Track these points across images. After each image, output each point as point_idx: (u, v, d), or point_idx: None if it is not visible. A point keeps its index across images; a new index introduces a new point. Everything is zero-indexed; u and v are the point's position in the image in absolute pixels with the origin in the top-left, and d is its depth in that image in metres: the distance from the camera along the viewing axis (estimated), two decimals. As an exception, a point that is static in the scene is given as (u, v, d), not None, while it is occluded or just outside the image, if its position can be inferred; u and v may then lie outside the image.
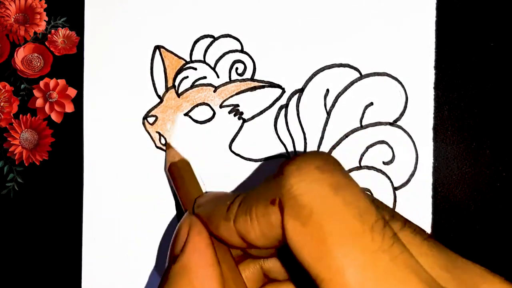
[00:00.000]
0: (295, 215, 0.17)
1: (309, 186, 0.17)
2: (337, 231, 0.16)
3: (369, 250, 0.16)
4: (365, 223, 0.17)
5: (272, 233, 0.19)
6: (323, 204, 0.17)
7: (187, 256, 0.21)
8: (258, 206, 0.19)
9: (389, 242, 0.17)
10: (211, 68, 0.31)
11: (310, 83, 0.31)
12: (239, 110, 0.31)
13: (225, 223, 0.20)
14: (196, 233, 0.22)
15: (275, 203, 0.18)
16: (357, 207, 0.17)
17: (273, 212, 0.18)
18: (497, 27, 0.31)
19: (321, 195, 0.17)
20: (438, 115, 0.31)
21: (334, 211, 0.17)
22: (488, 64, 0.31)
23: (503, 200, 0.31)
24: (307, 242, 0.17)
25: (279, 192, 0.18)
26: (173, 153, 0.30)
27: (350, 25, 0.31)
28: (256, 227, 0.19)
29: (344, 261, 0.16)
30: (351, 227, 0.17)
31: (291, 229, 0.17)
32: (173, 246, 0.22)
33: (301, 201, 0.17)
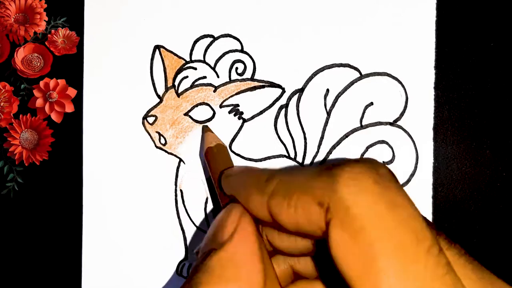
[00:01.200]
0: (345, 226, 0.17)
1: (364, 199, 0.17)
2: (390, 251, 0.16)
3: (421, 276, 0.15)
4: (420, 246, 0.16)
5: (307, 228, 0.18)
6: (377, 221, 0.16)
7: (236, 245, 0.20)
8: (301, 197, 0.18)
9: (443, 270, 0.16)
10: (211, 68, 0.31)
11: (310, 83, 0.31)
12: (239, 110, 0.31)
13: (257, 196, 0.20)
14: (247, 224, 0.21)
15: (323, 206, 0.17)
16: (413, 229, 0.16)
17: (317, 213, 0.17)
18: (497, 27, 0.31)
19: (376, 211, 0.16)
20: (438, 115, 0.31)
21: (388, 229, 0.16)
22: (488, 64, 0.31)
23: (503, 200, 0.31)
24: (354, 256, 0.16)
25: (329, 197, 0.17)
26: (210, 137, 0.30)
27: (350, 25, 0.31)
28: (292, 213, 0.18)
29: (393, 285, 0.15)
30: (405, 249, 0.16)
31: (338, 239, 0.17)
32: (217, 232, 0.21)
33: (354, 213, 0.16)
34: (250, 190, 0.20)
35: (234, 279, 0.19)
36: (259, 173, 0.21)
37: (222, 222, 0.21)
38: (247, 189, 0.21)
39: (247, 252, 0.20)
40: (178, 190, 0.31)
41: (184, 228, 0.31)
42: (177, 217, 0.31)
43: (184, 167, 0.31)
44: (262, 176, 0.20)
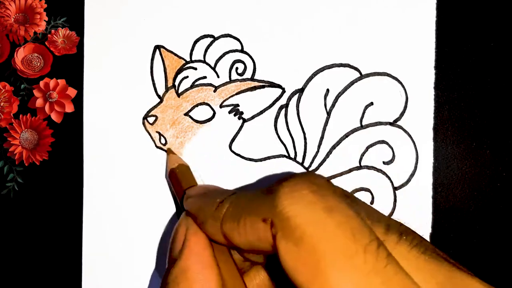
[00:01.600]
0: (289, 236, 0.17)
1: (302, 209, 0.18)
2: (330, 252, 0.17)
3: (362, 271, 0.16)
4: (358, 244, 0.17)
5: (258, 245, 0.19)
6: (316, 226, 0.17)
7: (185, 259, 0.21)
8: (248, 218, 0.19)
9: (382, 263, 0.17)
10: (211, 68, 0.31)
11: (310, 83, 0.31)
12: (239, 110, 0.31)
13: (212, 220, 0.21)
14: (193, 235, 0.22)
15: (267, 222, 0.18)
16: (349, 228, 0.17)
17: (263, 229, 0.18)
18: (497, 27, 0.31)
19: (314, 217, 0.17)
20: (438, 115, 0.31)
21: (327, 232, 0.17)
22: (488, 64, 0.31)
23: (503, 200, 0.31)
24: (300, 263, 0.17)
25: (271, 212, 0.18)
26: (173, 159, 0.30)
27: (350, 25, 0.31)
28: (242, 234, 0.19)
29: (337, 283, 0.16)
30: (344, 248, 0.17)
31: (284, 249, 0.18)
32: (171, 249, 0.22)
33: (294, 223, 0.17)
34: (205, 215, 0.21)
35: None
36: (213, 198, 0.22)
37: (173, 238, 0.23)
38: (202, 215, 0.22)
39: (198, 264, 0.21)
40: (178, 190, 0.31)
41: (184, 228, 0.31)
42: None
43: (184, 167, 0.31)
44: (215, 201, 0.21)
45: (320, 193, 0.18)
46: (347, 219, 0.18)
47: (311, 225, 0.17)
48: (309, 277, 0.17)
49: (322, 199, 0.18)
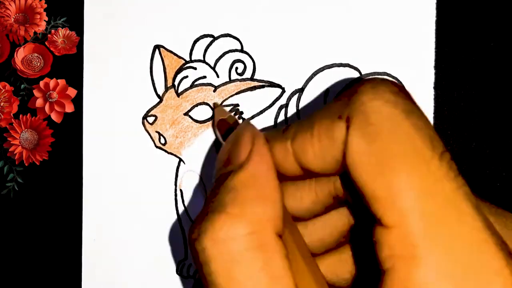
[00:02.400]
0: (362, 131, 0.17)
1: (382, 106, 0.17)
2: (405, 152, 0.16)
3: (434, 176, 0.16)
4: (435, 150, 0.16)
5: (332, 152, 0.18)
6: (394, 125, 0.17)
7: (255, 165, 0.19)
8: (323, 121, 0.18)
9: (455, 172, 0.16)
10: (211, 67, 0.31)
11: (310, 83, 0.31)
12: (239, 110, 0.31)
13: (281, 145, 0.20)
14: (261, 142, 0.20)
15: (342, 118, 0.17)
16: (427, 134, 0.17)
17: (339, 127, 0.18)
18: (497, 27, 0.31)
19: (393, 116, 0.17)
20: (438, 115, 0.31)
21: (404, 133, 0.17)
22: (488, 64, 0.31)
23: (503, 200, 0.31)
24: (370, 160, 0.17)
25: (349, 107, 0.17)
26: (220, 111, 0.29)
27: (350, 25, 0.31)
28: (315, 144, 0.18)
29: (406, 183, 0.16)
30: (420, 151, 0.16)
31: (355, 145, 0.17)
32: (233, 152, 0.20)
33: (372, 118, 0.17)
34: (272, 142, 0.20)
35: (258, 198, 0.18)
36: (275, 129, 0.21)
37: (236, 143, 0.21)
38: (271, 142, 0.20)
39: (266, 171, 0.19)
40: (178, 190, 0.31)
41: (184, 228, 0.31)
42: (177, 217, 0.31)
43: (184, 167, 0.31)
44: (279, 129, 0.20)
45: (402, 95, 0.18)
46: (425, 124, 0.17)
47: (389, 123, 0.17)
48: (375, 174, 0.16)
49: (403, 101, 0.17)
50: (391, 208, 0.16)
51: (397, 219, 0.16)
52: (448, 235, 0.15)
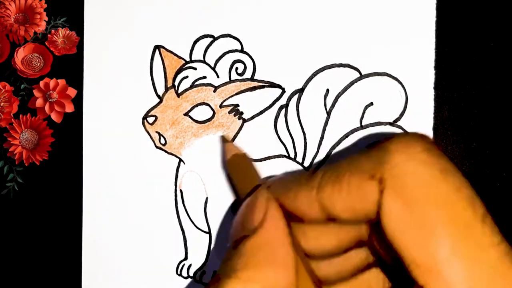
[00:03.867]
0: (398, 195, 0.16)
1: (417, 167, 0.16)
2: (446, 218, 0.16)
3: (479, 244, 0.15)
4: (476, 214, 0.16)
5: (362, 208, 0.17)
6: (432, 189, 0.16)
7: (268, 231, 0.20)
8: (353, 177, 0.18)
9: (498, 238, 0.16)
10: (211, 68, 0.31)
11: (310, 83, 0.31)
12: (239, 110, 0.31)
13: (305, 192, 0.19)
14: (275, 209, 0.20)
15: (375, 179, 0.17)
16: (467, 196, 0.16)
17: (371, 187, 0.17)
18: (497, 27, 0.31)
19: (430, 179, 0.16)
20: (438, 115, 0.31)
21: (444, 197, 0.16)
22: (488, 64, 0.31)
23: (503, 200, 0.31)
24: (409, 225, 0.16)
25: (381, 168, 0.17)
26: (231, 147, 0.29)
27: (350, 25, 0.31)
28: (345, 198, 0.18)
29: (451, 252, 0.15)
30: (462, 216, 0.16)
31: (391, 209, 0.16)
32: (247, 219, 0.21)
33: (407, 182, 0.16)
34: (296, 190, 0.20)
35: (270, 263, 0.19)
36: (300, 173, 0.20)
37: (251, 208, 0.21)
38: (292, 191, 0.20)
39: (279, 236, 0.19)
40: (178, 190, 0.31)
41: (184, 228, 0.31)
42: (177, 217, 0.31)
43: (184, 167, 0.31)
44: (304, 175, 0.20)
45: (435, 153, 0.17)
46: (462, 185, 0.16)
47: (427, 186, 0.16)
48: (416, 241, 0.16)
49: (438, 160, 0.17)
50: (436, 278, 0.15)
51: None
52: None
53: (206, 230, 0.31)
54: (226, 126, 0.31)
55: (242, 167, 0.28)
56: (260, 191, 0.22)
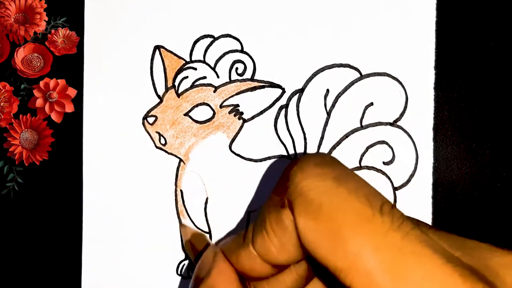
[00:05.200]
0: (305, 211, 0.18)
1: (313, 182, 0.18)
2: (348, 218, 0.17)
3: (381, 231, 0.17)
4: (373, 207, 0.17)
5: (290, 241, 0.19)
6: (330, 196, 0.17)
7: (213, 277, 0.21)
8: (270, 215, 0.19)
9: (398, 221, 0.17)
10: (211, 68, 0.31)
11: (310, 83, 0.31)
12: (239, 110, 0.31)
13: (245, 252, 0.21)
14: (221, 259, 0.22)
15: (285, 205, 0.19)
16: (362, 194, 0.18)
17: (286, 216, 0.19)
18: (497, 27, 0.31)
19: (326, 188, 0.18)
20: (438, 115, 0.31)
21: (341, 200, 0.17)
22: (488, 64, 0.31)
23: (503, 200, 0.31)
24: (321, 236, 0.17)
25: (287, 194, 0.18)
26: (187, 230, 0.31)
27: (350, 25, 0.31)
28: (273, 239, 0.19)
29: (359, 247, 0.16)
30: (360, 212, 0.17)
31: (303, 226, 0.18)
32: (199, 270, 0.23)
33: (309, 196, 0.18)
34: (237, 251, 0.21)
35: None
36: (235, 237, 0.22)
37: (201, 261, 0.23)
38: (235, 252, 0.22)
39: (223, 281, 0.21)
40: (178, 190, 0.31)
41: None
42: (177, 217, 0.31)
43: (184, 167, 0.31)
44: (240, 235, 0.22)
45: (327, 164, 0.19)
46: (358, 185, 0.18)
47: (325, 196, 0.18)
48: (330, 248, 0.17)
49: (330, 169, 0.18)
50: (356, 274, 0.16)
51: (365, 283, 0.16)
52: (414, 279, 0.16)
53: (206, 230, 0.31)
54: (226, 126, 0.31)
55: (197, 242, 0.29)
56: (208, 248, 0.24)
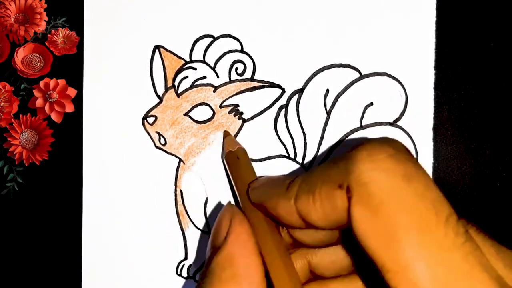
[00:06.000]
0: (365, 203, 0.17)
1: (380, 175, 0.17)
2: (409, 223, 0.16)
3: (441, 246, 0.16)
4: (439, 216, 0.16)
5: (335, 216, 0.18)
6: (395, 194, 0.17)
7: (230, 246, 0.21)
8: (323, 187, 0.19)
9: (462, 238, 0.16)
10: (211, 68, 0.31)
11: (310, 83, 0.31)
12: (239, 110, 0.31)
13: (284, 202, 0.20)
14: (238, 223, 0.22)
15: (343, 188, 0.18)
16: (430, 199, 0.17)
17: (340, 196, 0.18)
18: (497, 27, 0.31)
19: (393, 185, 0.17)
20: (438, 115, 0.31)
21: (406, 202, 0.17)
22: (488, 64, 0.31)
23: (503, 200, 0.31)
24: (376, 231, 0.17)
25: (348, 177, 0.18)
26: (230, 141, 0.30)
27: (350, 25, 0.31)
28: (319, 208, 0.19)
29: (415, 255, 0.16)
30: (424, 219, 0.16)
31: (359, 216, 0.17)
32: (214, 237, 0.22)
33: (372, 189, 0.17)
34: (276, 199, 0.21)
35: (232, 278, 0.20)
36: (281, 181, 0.21)
37: (217, 226, 0.22)
38: (273, 199, 0.21)
39: (242, 251, 0.21)
40: (178, 190, 0.31)
41: (184, 229, 0.31)
42: (177, 217, 0.31)
43: (184, 167, 0.31)
44: (284, 183, 0.21)
45: (399, 158, 0.18)
46: (426, 188, 0.17)
47: (389, 193, 0.17)
48: (383, 246, 0.16)
49: (401, 165, 0.17)
50: (403, 281, 0.16)
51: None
52: None
53: (206, 230, 0.31)
54: (226, 126, 0.31)
55: (239, 162, 0.28)
56: (226, 207, 0.23)
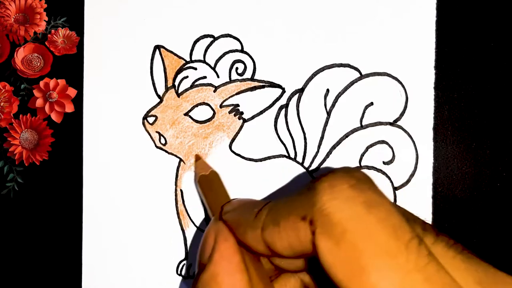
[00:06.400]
0: (328, 233, 0.17)
1: (341, 204, 0.17)
2: (371, 249, 0.16)
3: (403, 269, 0.16)
4: (400, 241, 0.17)
5: (301, 247, 0.19)
6: (356, 223, 0.17)
7: (215, 264, 0.21)
8: (288, 219, 0.19)
9: (424, 260, 0.16)
10: (211, 68, 0.31)
11: (310, 83, 0.31)
12: (239, 110, 0.31)
13: (252, 230, 0.21)
14: (223, 240, 0.22)
15: (306, 220, 0.18)
16: (391, 225, 0.17)
17: (303, 228, 0.18)
18: (497, 27, 0.31)
19: (354, 214, 0.17)
20: (438, 115, 0.31)
21: (368, 229, 0.17)
22: (488, 64, 0.31)
23: (503, 200, 0.31)
24: (340, 261, 0.17)
25: (311, 209, 0.18)
26: (202, 165, 0.30)
27: (350, 25, 0.31)
28: (284, 238, 0.19)
29: (378, 281, 0.16)
30: (385, 245, 0.16)
31: (323, 247, 0.17)
32: (201, 254, 0.22)
33: (334, 219, 0.17)
34: (244, 227, 0.21)
35: None
36: (251, 208, 0.22)
37: (202, 243, 0.23)
38: (242, 227, 0.22)
39: (228, 268, 0.21)
40: (178, 190, 0.31)
41: (184, 228, 0.31)
42: (177, 217, 0.31)
43: (184, 167, 0.31)
44: (253, 211, 0.21)
45: (360, 187, 0.18)
46: (387, 214, 0.17)
47: (351, 222, 0.17)
48: (349, 275, 0.17)
49: (362, 193, 0.18)
50: None
51: None
52: None
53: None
54: (226, 126, 0.31)
55: (212, 185, 0.29)
56: (211, 223, 0.23)
